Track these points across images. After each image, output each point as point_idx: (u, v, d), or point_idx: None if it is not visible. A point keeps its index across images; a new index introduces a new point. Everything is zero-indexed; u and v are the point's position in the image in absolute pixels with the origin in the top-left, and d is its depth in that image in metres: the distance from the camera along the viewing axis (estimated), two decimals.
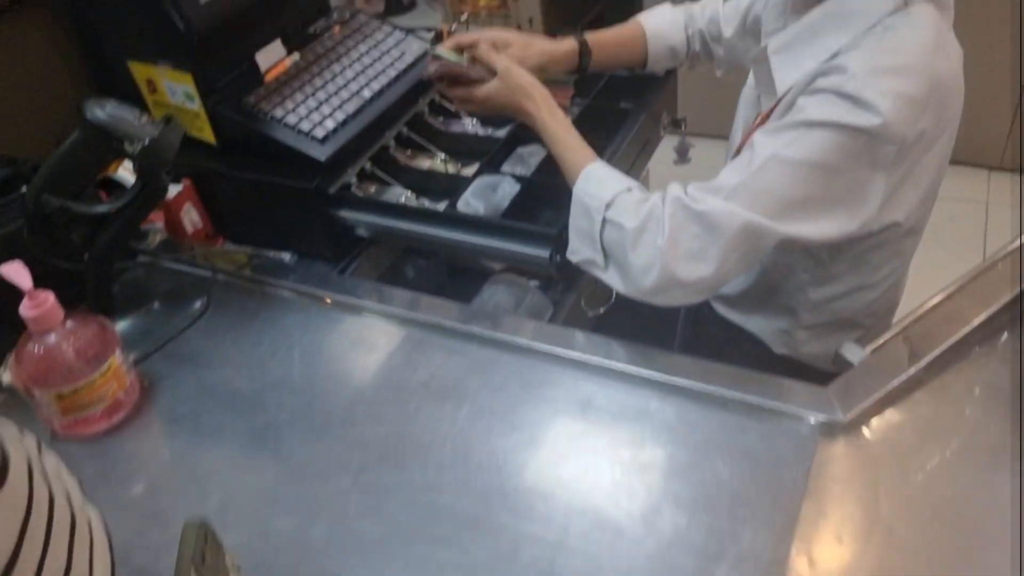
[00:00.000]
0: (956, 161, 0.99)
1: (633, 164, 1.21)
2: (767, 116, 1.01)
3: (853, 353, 0.88)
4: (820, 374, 1.13)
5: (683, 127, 1.29)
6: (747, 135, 1.06)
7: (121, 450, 0.88)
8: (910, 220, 0.98)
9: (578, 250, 0.97)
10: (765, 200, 0.86)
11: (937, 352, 0.84)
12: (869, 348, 0.89)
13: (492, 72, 1.05)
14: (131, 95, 1.21)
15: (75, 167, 0.90)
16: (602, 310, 1.25)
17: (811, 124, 0.84)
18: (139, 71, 1.16)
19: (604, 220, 0.92)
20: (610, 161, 1.11)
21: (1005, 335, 0.88)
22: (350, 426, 0.86)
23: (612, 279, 0.95)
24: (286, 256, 1.13)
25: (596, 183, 0.96)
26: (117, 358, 0.89)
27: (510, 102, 1.05)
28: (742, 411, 0.82)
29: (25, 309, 0.83)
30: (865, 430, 0.80)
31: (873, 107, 0.81)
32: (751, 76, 1.11)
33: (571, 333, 0.93)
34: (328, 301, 1.03)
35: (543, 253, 1.01)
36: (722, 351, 1.20)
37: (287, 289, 1.05)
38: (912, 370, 0.83)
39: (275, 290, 1.06)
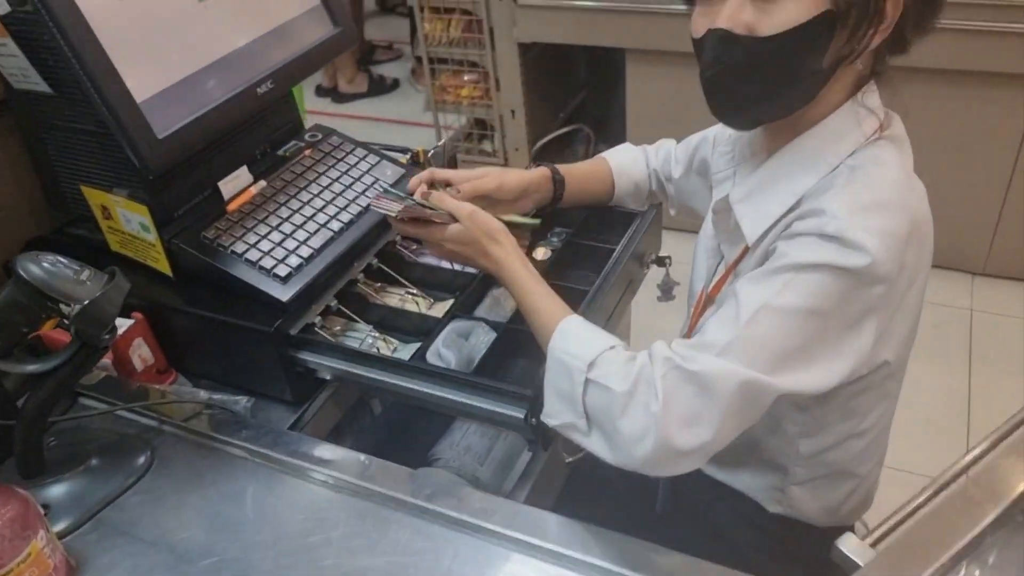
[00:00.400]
0: (940, 266, 0.96)
1: (617, 303, 1.15)
2: (735, 264, 0.97)
3: (855, 549, 0.80)
4: (819, 532, 1.07)
5: (668, 264, 1.23)
6: (715, 286, 1.01)
7: None
8: (898, 359, 0.94)
9: (556, 413, 0.89)
10: (760, 354, 0.80)
11: (947, 557, 0.77)
12: (868, 540, 0.82)
13: (454, 218, 1.00)
14: (86, 218, 1.14)
15: (4, 327, 0.82)
16: (581, 454, 1.18)
17: (799, 268, 0.80)
18: (93, 196, 1.10)
19: (587, 381, 0.84)
20: (594, 300, 1.05)
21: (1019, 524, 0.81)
22: None
23: (596, 446, 0.86)
24: (242, 400, 1.05)
25: (576, 340, 0.89)
26: (40, 541, 0.79)
27: (477, 247, 0.99)
28: None
29: None
30: None
31: (860, 246, 0.78)
32: (708, 225, 1.07)
33: (546, 518, 0.85)
34: (281, 464, 0.94)
35: (518, 413, 0.94)
36: (711, 509, 1.12)
37: (238, 447, 0.96)
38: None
39: (225, 447, 0.97)
